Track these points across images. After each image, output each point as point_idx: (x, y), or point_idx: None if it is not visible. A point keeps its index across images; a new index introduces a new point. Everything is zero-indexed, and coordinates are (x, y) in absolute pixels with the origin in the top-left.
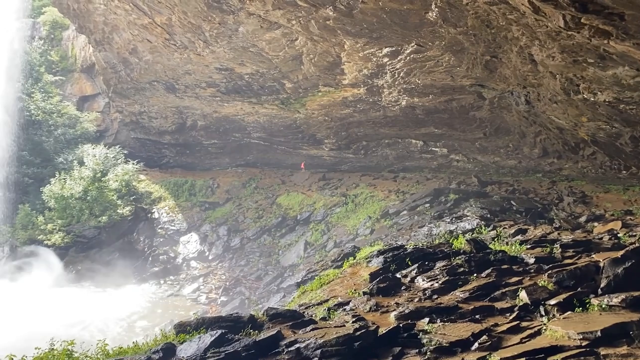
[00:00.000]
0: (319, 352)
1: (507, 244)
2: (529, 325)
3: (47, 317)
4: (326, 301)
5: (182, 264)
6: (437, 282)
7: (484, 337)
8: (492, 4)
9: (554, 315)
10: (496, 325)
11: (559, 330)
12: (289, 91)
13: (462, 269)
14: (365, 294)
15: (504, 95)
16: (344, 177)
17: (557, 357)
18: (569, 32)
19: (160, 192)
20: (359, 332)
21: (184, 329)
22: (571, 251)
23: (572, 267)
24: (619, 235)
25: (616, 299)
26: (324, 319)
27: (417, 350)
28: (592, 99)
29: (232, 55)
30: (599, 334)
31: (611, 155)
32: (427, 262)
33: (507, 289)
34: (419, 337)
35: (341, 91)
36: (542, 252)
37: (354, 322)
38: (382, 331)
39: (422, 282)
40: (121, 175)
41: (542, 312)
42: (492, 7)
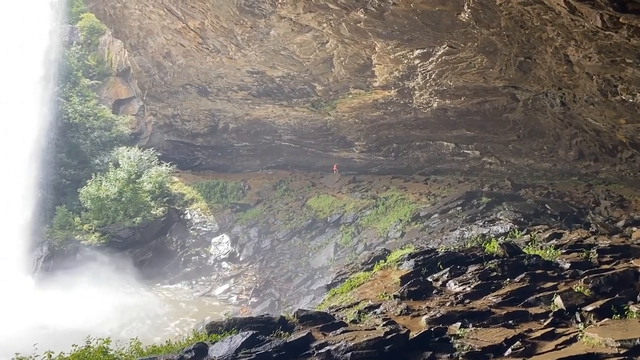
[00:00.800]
0: (349, 354)
1: (541, 248)
2: (564, 331)
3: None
4: (357, 304)
5: (214, 264)
6: (469, 287)
7: (518, 343)
8: (527, 4)
9: (591, 322)
10: (530, 331)
11: (596, 337)
12: (319, 93)
13: (494, 274)
14: (396, 297)
15: (538, 96)
16: (374, 180)
17: None
18: (607, 32)
19: (192, 194)
20: (389, 336)
21: (216, 329)
22: (608, 256)
23: (609, 272)
24: None
25: None
26: (354, 321)
27: (449, 355)
28: (630, 100)
29: (263, 58)
30: (638, 342)
31: None
32: (459, 266)
33: (541, 294)
34: (450, 341)
35: (372, 93)
36: (578, 257)
37: (384, 325)
38: (413, 335)
39: (453, 286)
40: (155, 177)
41: (578, 319)
42: (526, 8)
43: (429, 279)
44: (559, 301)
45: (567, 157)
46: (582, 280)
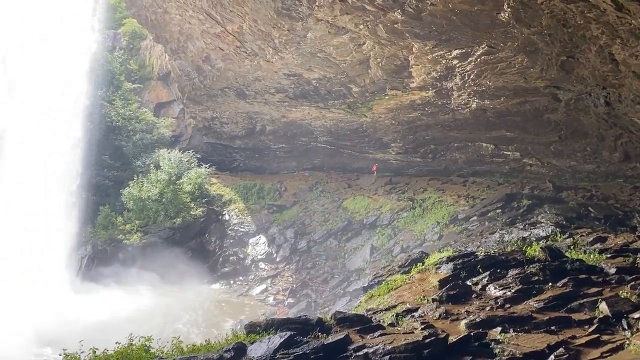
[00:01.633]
0: (387, 357)
1: (584, 252)
2: (610, 339)
3: (123, 313)
4: (394, 307)
5: (251, 265)
6: (509, 291)
7: (561, 350)
8: (570, 2)
9: (638, 329)
10: (574, 337)
11: None
12: (355, 95)
13: (536, 278)
14: (434, 301)
15: (581, 96)
16: (411, 181)
17: None
18: None
19: (230, 195)
20: (428, 340)
21: (254, 330)
22: None
23: None
24: None
25: None
26: (392, 324)
27: None
28: None
29: (300, 61)
30: None
31: None
32: (499, 270)
33: (585, 300)
34: (490, 346)
35: (409, 94)
36: (624, 262)
37: (423, 329)
38: (452, 339)
39: (493, 290)
40: (194, 178)
41: (625, 326)
42: (569, 6)
43: (468, 283)
44: (604, 307)
45: (611, 159)
46: (629, 286)
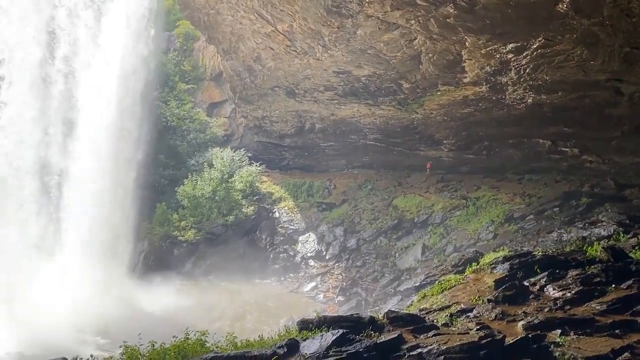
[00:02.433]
0: (442, 358)
1: None
2: None
3: (179, 307)
4: (448, 307)
5: (301, 262)
6: (569, 292)
7: (626, 354)
8: None
9: None
10: None
11: None
12: (406, 91)
13: (597, 279)
14: (490, 301)
15: None
16: (464, 179)
17: None
18: None
19: (280, 193)
20: (484, 341)
21: (306, 326)
22: None
23: None
24: None
25: None
26: (446, 325)
27: None
28: None
29: (349, 58)
30: None
31: None
32: (557, 270)
33: None
34: (550, 349)
35: (462, 90)
36: None
37: (478, 329)
38: (509, 341)
39: (552, 292)
40: (245, 176)
41: None
42: None
43: (525, 283)
44: None
45: None
46: None
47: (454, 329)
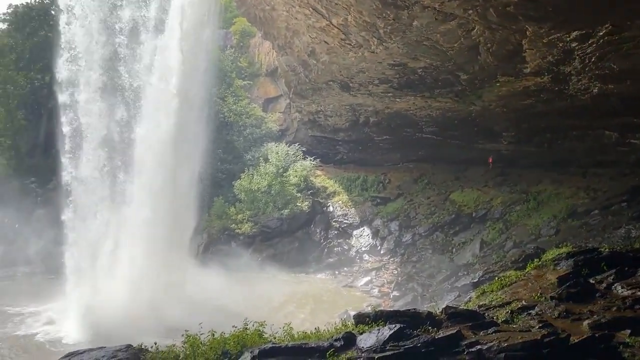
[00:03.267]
0: (502, 355)
1: None
2: None
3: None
4: (508, 304)
5: (355, 256)
6: (639, 291)
7: None
8: None
9: None
10: None
11: None
12: (464, 83)
13: None
14: (552, 299)
15: None
16: (524, 173)
17: None
18: None
19: (334, 187)
20: (547, 339)
21: (363, 320)
22: None
23: None
24: None
25: None
26: (506, 322)
27: None
28: None
29: (405, 50)
30: None
31: None
32: (626, 268)
33: None
34: (618, 350)
35: (522, 80)
36: None
37: (540, 327)
38: (574, 340)
39: (620, 290)
40: (300, 171)
41: None
42: None
43: (591, 281)
44: None
45: None
46: None
47: (514, 326)
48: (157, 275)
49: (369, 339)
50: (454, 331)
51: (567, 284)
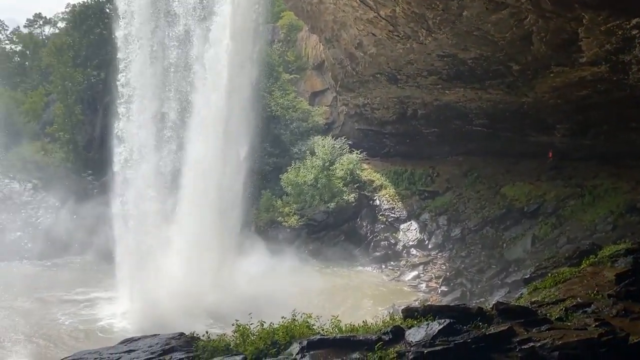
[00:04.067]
0: (556, 353)
1: None
2: None
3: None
4: (562, 301)
5: (402, 251)
6: None
7: None
8: None
9: None
10: None
11: None
12: (515, 74)
13: None
14: (610, 296)
15: None
16: (579, 166)
17: None
18: None
19: (381, 181)
20: (604, 338)
21: (411, 314)
22: None
23: None
24: None
25: None
26: (560, 319)
27: None
28: None
29: (455, 41)
30: None
31: None
32: None
33: None
34: None
35: (577, 70)
36: None
37: (597, 326)
38: (633, 340)
39: None
40: (346, 164)
41: None
42: None
43: None
44: None
45: None
46: None
47: (569, 324)
48: (208, 265)
49: (417, 334)
50: (506, 327)
51: (626, 282)
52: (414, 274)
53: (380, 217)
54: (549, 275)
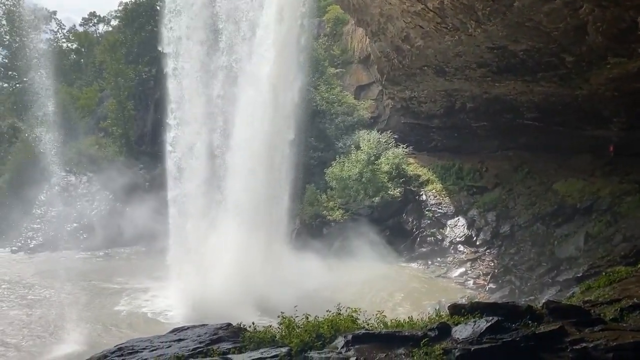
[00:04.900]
0: (610, 355)
1: None
2: None
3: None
4: (617, 301)
5: (449, 247)
6: None
7: None
8: None
9: None
10: None
11: None
12: (569, 65)
13: None
14: None
15: None
16: (636, 161)
17: None
18: None
19: (427, 175)
20: None
21: (458, 311)
22: None
23: None
24: None
25: None
26: (614, 320)
27: None
28: None
29: (505, 32)
30: None
31: None
32: None
33: None
34: None
35: (636, 61)
36: None
37: None
38: None
39: None
40: (392, 158)
41: None
42: None
43: None
44: None
45: None
46: None
47: (624, 325)
48: (255, 258)
49: (464, 331)
50: (557, 327)
51: None
52: (461, 270)
53: (426, 213)
54: (603, 274)
